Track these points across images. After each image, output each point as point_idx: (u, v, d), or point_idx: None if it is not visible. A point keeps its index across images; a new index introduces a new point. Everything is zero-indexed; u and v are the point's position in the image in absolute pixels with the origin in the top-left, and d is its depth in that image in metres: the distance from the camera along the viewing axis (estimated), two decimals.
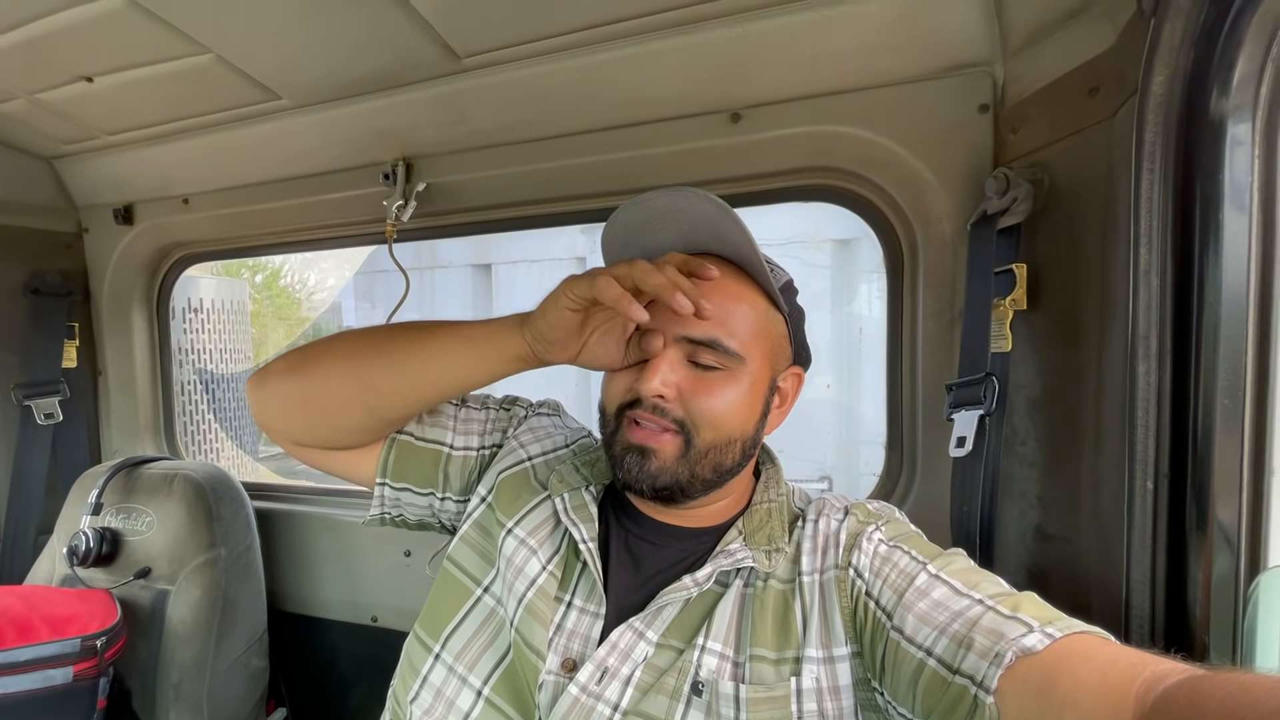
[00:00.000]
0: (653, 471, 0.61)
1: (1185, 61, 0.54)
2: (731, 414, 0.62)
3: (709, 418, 0.61)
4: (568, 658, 0.62)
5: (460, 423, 0.77)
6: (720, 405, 0.61)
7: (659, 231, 0.64)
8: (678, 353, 0.62)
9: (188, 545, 1.21)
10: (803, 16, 0.83)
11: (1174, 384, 0.57)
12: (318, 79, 1.04)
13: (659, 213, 0.63)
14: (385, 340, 0.69)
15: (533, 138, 1.07)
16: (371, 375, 0.68)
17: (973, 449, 0.78)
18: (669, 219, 0.63)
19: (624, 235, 0.66)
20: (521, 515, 0.69)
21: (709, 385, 0.62)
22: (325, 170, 1.22)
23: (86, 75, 1.05)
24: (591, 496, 0.69)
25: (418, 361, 0.67)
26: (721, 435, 0.62)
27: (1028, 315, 0.79)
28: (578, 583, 0.65)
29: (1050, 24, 0.75)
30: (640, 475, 0.62)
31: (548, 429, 0.79)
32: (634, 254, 0.66)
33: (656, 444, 0.62)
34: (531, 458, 0.75)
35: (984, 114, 0.85)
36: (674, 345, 0.62)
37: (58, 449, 1.44)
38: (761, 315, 0.64)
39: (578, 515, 0.66)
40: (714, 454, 0.62)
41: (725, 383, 0.62)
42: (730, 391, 0.62)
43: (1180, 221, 0.56)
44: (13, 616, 1.04)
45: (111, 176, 1.38)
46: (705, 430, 0.61)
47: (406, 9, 0.86)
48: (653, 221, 0.63)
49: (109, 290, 1.49)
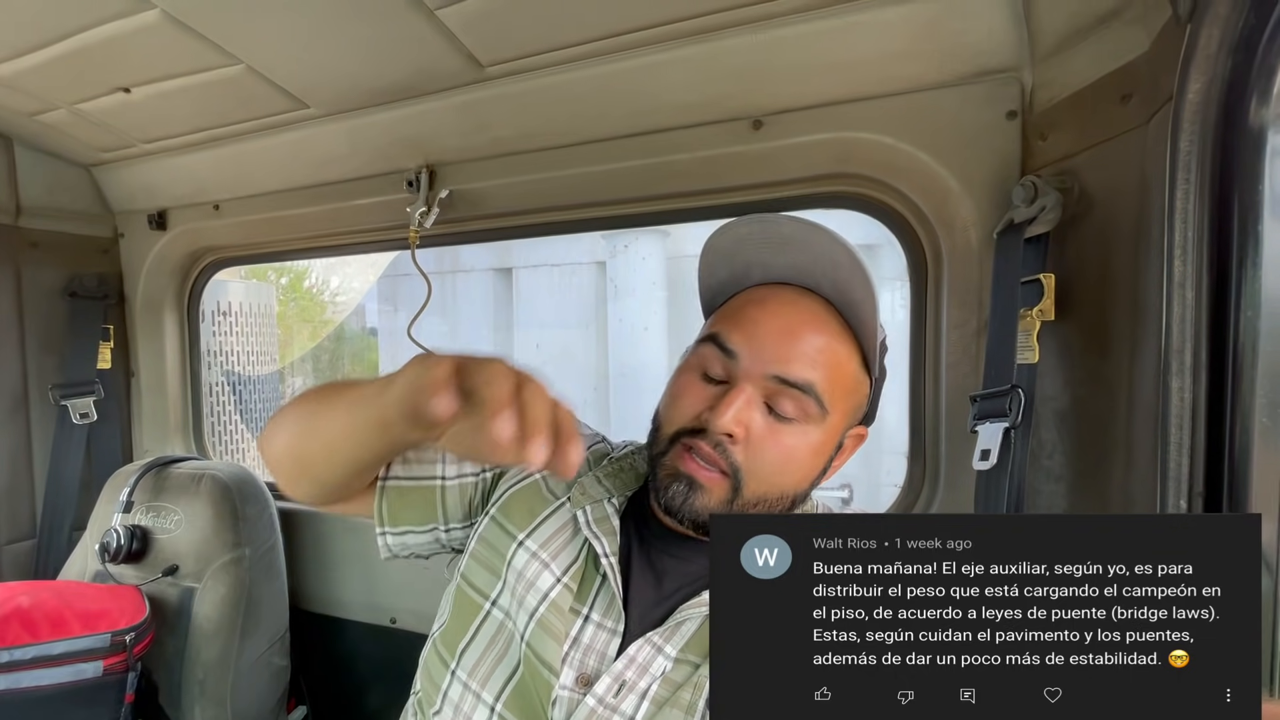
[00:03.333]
0: (697, 508, 0.59)
1: (1223, 68, 0.53)
2: (792, 471, 0.60)
3: (767, 472, 0.59)
4: (583, 673, 0.61)
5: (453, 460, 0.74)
6: (784, 461, 0.59)
7: (769, 255, 0.62)
8: (757, 392, 0.59)
9: (214, 544, 1.24)
10: (825, 23, 0.82)
11: (1209, 399, 0.55)
12: (345, 88, 1.06)
13: (781, 237, 0.61)
14: (303, 414, 0.64)
15: (554, 145, 1.08)
16: (300, 451, 0.64)
17: (997, 462, 0.77)
18: (788, 247, 0.61)
19: (731, 245, 0.65)
20: (534, 527, 0.68)
21: (779, 437, 0.59)
22: (351, 177, 1.24)
23: (124, 86, 1.08)
24: (614, 509, 0.67)
25: (322, 434, 0.62)
26: (774, 490, 0.60)
27: (1055, 326, 0.78)
28: (596, 596, 0.64)
29: (1081, 29, 0.74)
30: (684, 507, 0.60)
31: None
32: (736, 264, 0.66)
33: (707, 481, 0.59)
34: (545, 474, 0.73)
35: (1012, 120, 0.84)
36: (756, 382, 0.59)
37: (92, 448, 1.48)
38: (853, 371, 0.62)
39: (600, 528, 0.65)
40: (763, 506, 0.60)
41: (797, 437, 0.59)
42: (800, 448, 0.59)
43: (1217, 232, 0.54)
44: (47, 611, 1.07)
45: (146, 183, 1.42)
46: (758, 484, 0.59)
47: (433, 20, 0.87)
48: (770, 242, 0.62)
49: (142, 294, 1.53)
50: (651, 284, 5.36)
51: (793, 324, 0.60)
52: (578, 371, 5.60)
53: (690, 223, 1.12)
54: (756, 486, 0.59)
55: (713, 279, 0.69)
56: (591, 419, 0.85)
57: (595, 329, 5.64)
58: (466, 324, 6.06)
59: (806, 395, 0.58)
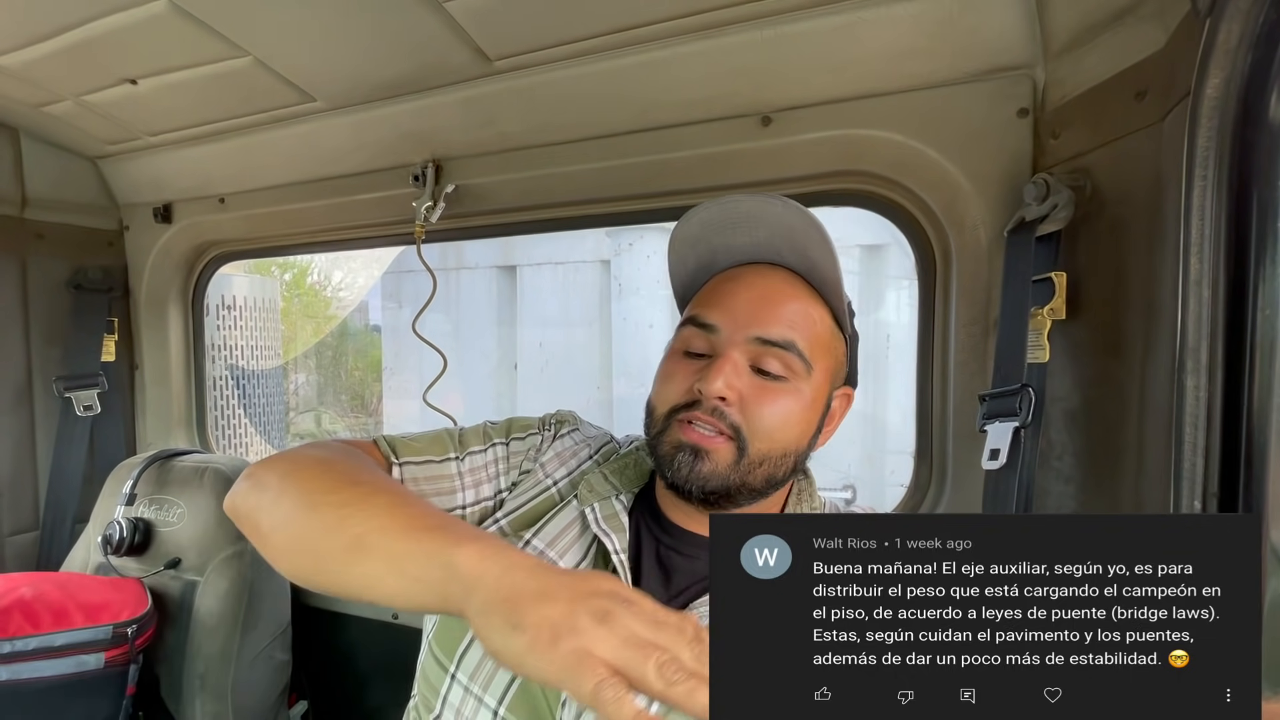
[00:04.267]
0: (704, 474, 0.59)
1: (1242, 64, 0.52)
2: (790, 426, 0.61)
3: (767, 428, 0.60)
4: None
5: (468, 475, 0.70)
6: (780, 416, 0.60)
7: (732, 235, 0.64)
8: (742, 356, 0.60)
9: (216, 537, 1.23)
10: (836, 19, 0.82)
11: (1225, 399, 0.55)
12: (351, 82, 1.06)
13: (742, 215, 0.62)
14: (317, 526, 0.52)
15: (561, 140, 1.08)
16: (308, 567, 0.54)
17: (1006, 462, 0.76)
18: (746, 224, 0.62)
19: (697, 231, 0.66)
20: (540, 526, 0.68)
21: (772, 394, 0.60)
22: (356, 171, 1.24)
23: (131, 78, 1.08)
24: (622, 505, 0.67)
25: (345, 574, 0.51)
26: (777, 447, 0.61)
27: (1066, 325, 0.77)
28: None
29: (1095, 26, 0.73)
30: (691, 476, 0.59)
31: (572, 449, 0.76)
32: (702, 251, 0.67)
33: (710, 445, 0.59)
34: (557, 482, 0.72)
35: (1023, 118, 0.83)
36: (740, 347, 0.60)
37: (95, 440, 1.48)
38: (829, 332, 0.64)
39: (609, 525, 0.65)
40: (768, 465, 0.61)
41: (788, 394, 0.61)
42: (792, 403, 0.61)
43: (1234, 229, 0.54)
44: (50, 602, 1.07)
45: (152, 176, 1.42)
46: (761, 441, 0.60)
47: (441, 13, 0.87)
48: (731, 224, 0.63)
49: (147, 286, 1.53)
50: (656, 282, 5.35)
51: (766, 292, 0.63)
52: (581, 369, 5.60)
53: None
54: (759, 444, 0.60)
55: (684, 270, 0.71)
56: (595, 417, 0.85)
57: (599, 327, 5.63)
58: (470, 321, 6.06)
59: (789, 352, 0.60)
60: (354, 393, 9.79)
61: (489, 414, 0.82)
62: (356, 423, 9.25)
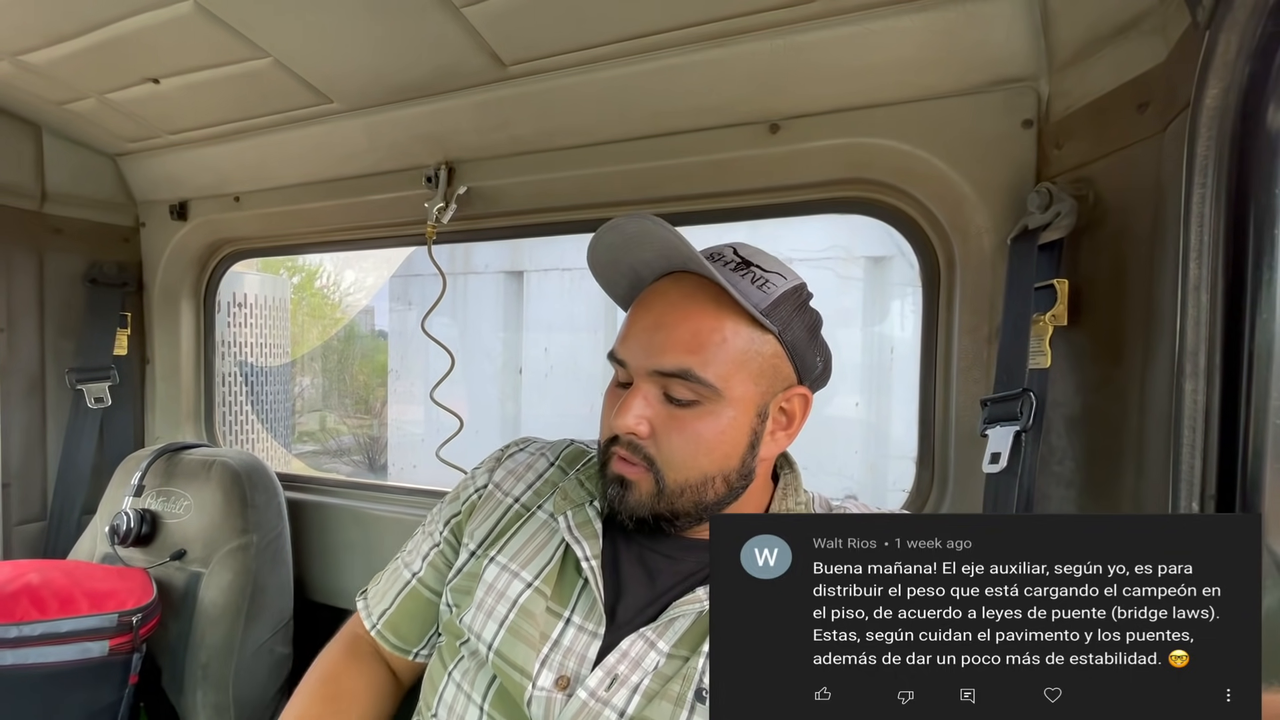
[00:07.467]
0: (631, 504, 0.62)
1: (1241, 75, 0.53)
2: (705, 452, 0.60)
3: (680, 458, 0.60)
4: (562, 675, 0.61)
5: (415, 552, 0.80)
6: (692, 445, 0.60)
7: (639, 250, 0.64)
8: (653, 388, 0.61)
9: (222, 530, 1.25)
10: (844, 29, 0.83)
11: (1223, 402, 0.56)
12: (368, 84, 1.08)
13: (634, 236, 0.63)
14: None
15: (572, 145, 1.10)
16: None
17: (1007, 466, 0.77)
18: (644, 240, 0.63)
19: (608, 255, 0.66)
20: (505, 542, 0.70)
21: (681, 423, 0.60)
22: (370, 172, 1.26)
23: (154, 77, 1.10)
24: (596, 512, 0.68)
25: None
26: (695, 474, 0.61)
27: (1068, 332, 0.78)
28: (578, 600, 0.64)
29: (1099, 39, 0.74)
30: (621, 507, 0.63)
31: (526, 462, 0.77)
32: (623, 270, 0.67)
33: (634, 476, 0.62)
34: (518, 498, 0.74)
35: (1027, 129, 0.85)
36: (647, 380, 0.61)
37: (105, 432, 1.50)
38: (743, 339, 0.60)
39: (581, 533, 0.66)
40: (690, 492, 0.61)
41: (700, 419, 0.60)
42: (704, 428, 0.60)
43: (1232, 236, 0.55)
44: (56, 589, 1.08)
45: (169, 174, 1.44)
46: (674, 471, 0.61)
47: (458, 18, 0.89)
48: (632, 242, 0.63)
49: (161, 282, 1.55)
50: None
51: (661, 318, 0.61)
52: (585, 375, 5.61)
53: (704, 225, 1.13)
54: (673, 474, 0.61)
55: (617, 293, 0.71)
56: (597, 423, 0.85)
57: (604, 333, 5.65)
58: (476, 325, 6.09)
59: (687, 380, 0.59)
60: (358, 396, 9.83)
61: (492, 418, 0.84)
62: (360, 424, 9.28)
